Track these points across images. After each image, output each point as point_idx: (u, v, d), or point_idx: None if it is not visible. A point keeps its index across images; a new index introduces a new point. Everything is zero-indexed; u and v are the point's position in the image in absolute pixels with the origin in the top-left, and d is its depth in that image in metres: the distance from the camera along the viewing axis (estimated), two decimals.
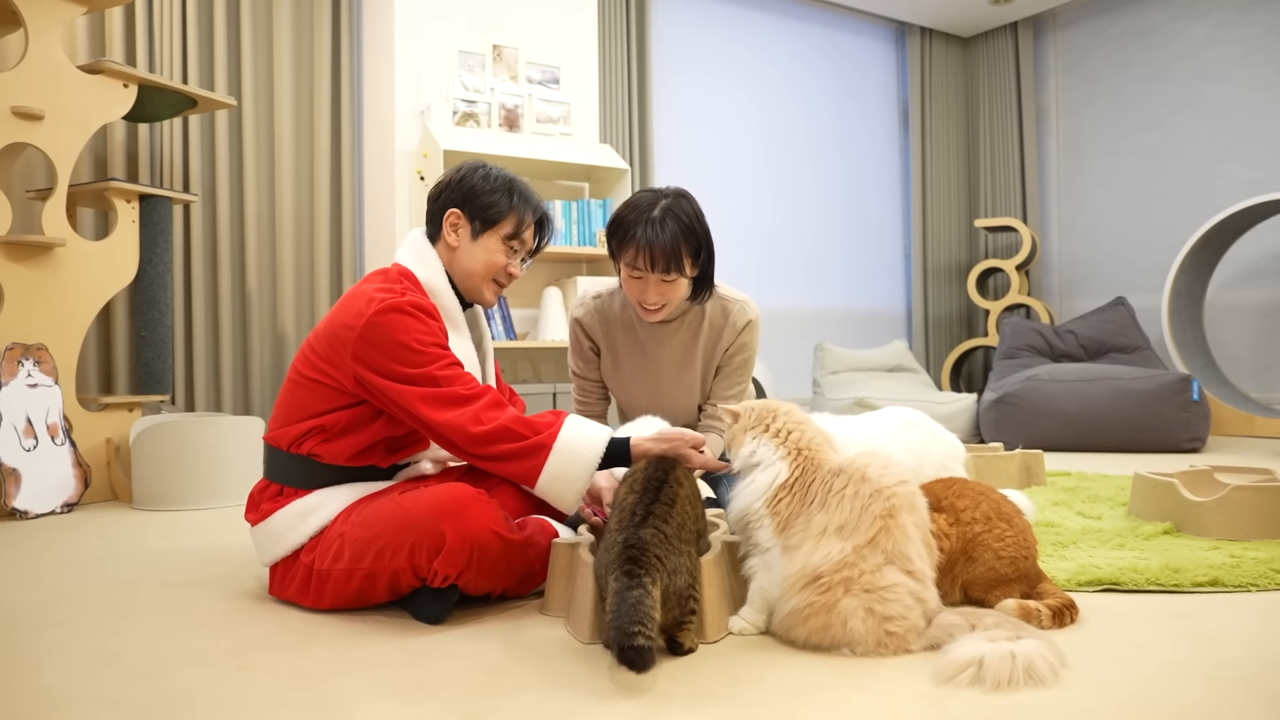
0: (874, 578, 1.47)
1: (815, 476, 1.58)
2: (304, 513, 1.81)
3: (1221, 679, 1.36)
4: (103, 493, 3.40)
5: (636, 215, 2.05)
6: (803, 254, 6.14)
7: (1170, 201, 5.93)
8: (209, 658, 1.54)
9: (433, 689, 1.38)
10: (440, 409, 1.73)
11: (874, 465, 1.57)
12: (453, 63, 4.54)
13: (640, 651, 1.30)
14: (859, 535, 1.49)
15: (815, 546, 1.51)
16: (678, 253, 2.04)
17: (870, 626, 1.46)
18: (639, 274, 2.07)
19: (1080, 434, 4.49)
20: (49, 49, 3.24)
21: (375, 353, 1.74)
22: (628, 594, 1.35)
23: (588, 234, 4.62)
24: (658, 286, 2.07)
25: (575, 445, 1.76)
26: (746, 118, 5.93)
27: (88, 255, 3.39)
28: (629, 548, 1.41)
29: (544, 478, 1.75)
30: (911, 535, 1.51)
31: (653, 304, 2.10)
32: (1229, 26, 5.66)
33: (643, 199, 2.08)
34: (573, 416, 1.82)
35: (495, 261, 1.95)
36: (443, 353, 1.78)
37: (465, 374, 1.78)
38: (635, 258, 2.05)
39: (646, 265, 2.04)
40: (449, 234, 1.94)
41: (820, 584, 1.48)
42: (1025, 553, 1.72)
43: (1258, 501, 2.30)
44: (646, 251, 2.02)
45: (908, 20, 6.57)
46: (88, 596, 1.98)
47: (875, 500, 1.51)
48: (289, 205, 4.35)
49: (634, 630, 1.31)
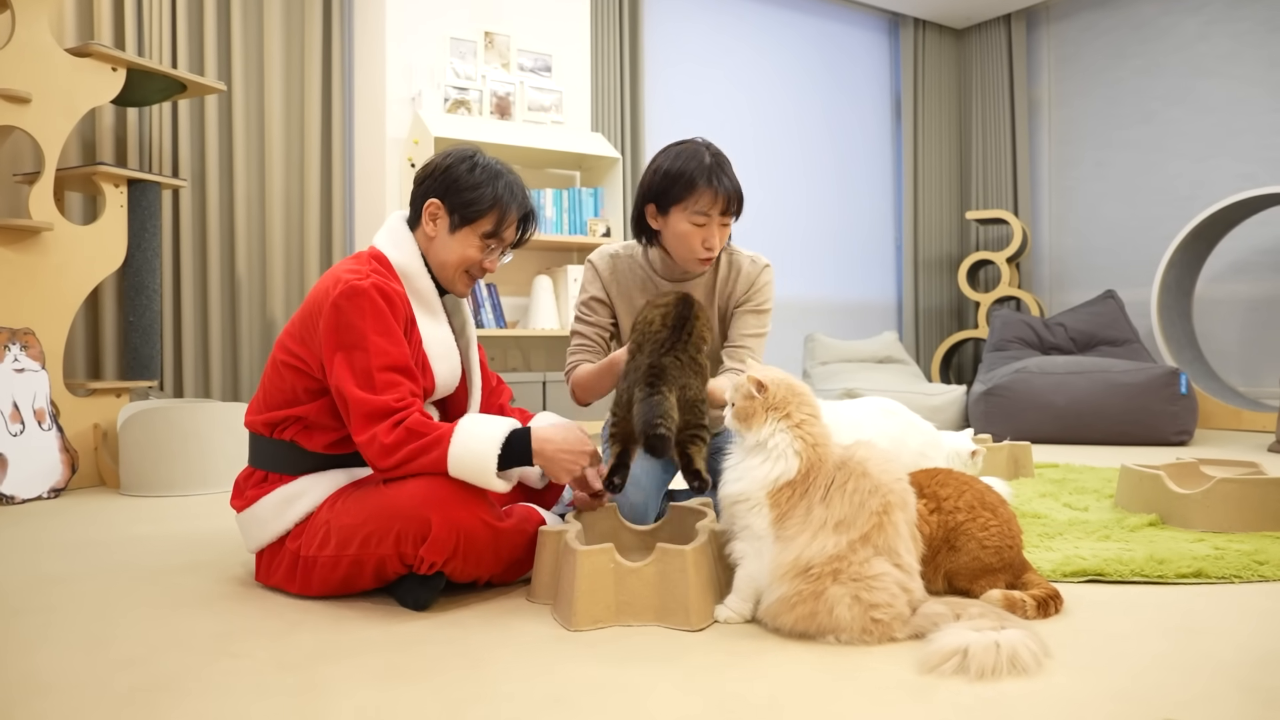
0: (862, 568, 1.49)
1: (819, 472, 1.57)
2: (289, 499, 1.81)
3: (1204, 670, 1.37)
4: (90, 478, 3.39)
5: (696, 165, 2.06)
6: (793, 244, 6.14)
7: (1161, 195, 5.94)
8: (195, 643, 1.54)
9: (418, 675, 1.38)
10: (364, 425, 1.70)
11: (874, 460, 1.58)
12: (444, 49, 4.51)
13: (662, 439, 1.68)
14: (854, 530, 1.50)
15: (811, 539, 1.51)
16: (740, 194, 2.11)
17: (856, 614, 1.47)
18: (703, 220, 2.07)
19: (1069, 426, 4.51)
20: (36, 32, 3.21)
21: (332, 335, 1.74)
22: (650, 398, 1.72)
23: (579, 222, 4.61)
24: (720, 230, 2.11)
25: (479, 426, 1.74)
26: (738, 107, 5.92)
27: (75, 240, 3.37)
28: (651, 369, 1.77)
29: (453, 449, 1.69)
30: (902, 532, 1.53)
31: (715, 247, 2.12)
32: (1221, 21, 5.67)
33: (689, 150, 2.10)
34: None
35: (469, 256, 1.92)
36: (386, 348, 1.74)
37: (400, 380, 1.74)
38: (710, 204, 2.06)
39: (718, 209, 2.07)
40: (427, 223, 1.91)
41: (810, 574, 1.49)
42: (1010, 542, 1.72)
43: (1242, 494, 2.32)
44: (723, 195, 2.06)
45: (901, 11, 6.55)
46: (74, 582, 1.98)
47: (873, 497, 1.52)
48: (279, 191, 4.33)
49: (656, 422, 1.68)
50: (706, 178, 2.05)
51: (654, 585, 1.61)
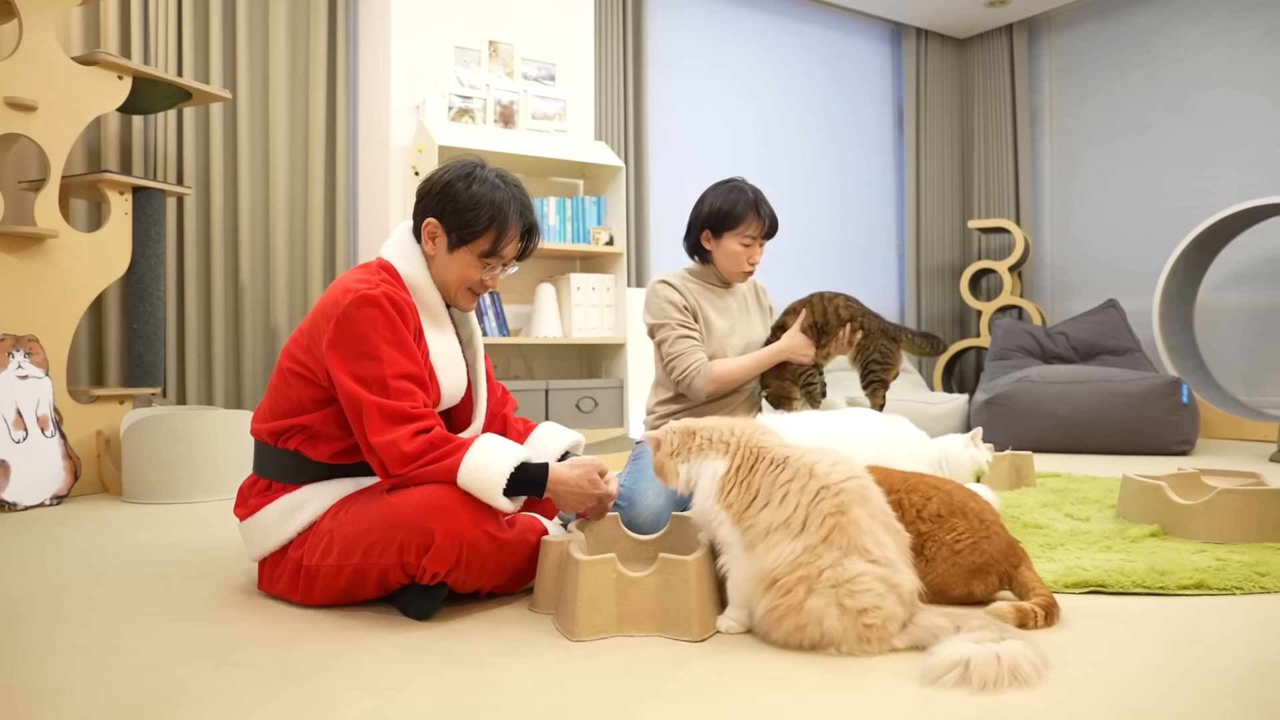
0: (836, 572, 1.48)
1: (757, 465, 1.60)
2: (292, 508, 1.81)
3: (1206, 682, 1.37)
4: (93, 485, 3.39)
5: (744, 200, 2.57)
6: (796, 253, 6.15)
7: (1162, 205, 5.95)
8: (198, 652, 1.54)
9: (420, 685, 1.38)
10: (383, 427, 1.70)
11: (822, 462, 1.59)
12: (449, 58, 4.53)
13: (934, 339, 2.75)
14: (810, 534, 1.50)
15: (767, 547, 1.53)
16: (776, 220, 2.64)
17: (847, 624, 1.47)
18: (750, 241, 2.59)
19: (1070, 435, 4.51)
20: (43, 40, 3.23)
21: (343, 344, 1.74)
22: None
23: (582, 231, 4.62)
24: (760, 250, 2.65)
25: (498, 446, 1.75)
26: (741, 117, 5.93)
27: (80, 247, 3.38)
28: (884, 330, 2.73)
29: (464, 465, 1.70)
30: (865, 527, 1.52)
31: (758, 261, 2.66)
32: (1222, 31, 5.68)
33: (736, 187, 2.60)
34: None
35: (469, 275, 1.92)
36: (398, 359, 1.75)
37: (414, 389, 1.75)
38: (758, 229, 2.58)
39: (763, 233, 2.60)
40: (426, 242, 1.91)
41: (780, 586, 1.50)
42: (984, 534, 1.73)
43: (1244, 505, 2.32)
44: (768, 220, 2.59)
45: (903, 21, 6.57)
46: (77, 590, 1.98)
47: (824, 498, 1.53)
48: (283, 199, 4.34)
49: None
50: (754, 210, 2.57)
51: (656, 595, 1.61)
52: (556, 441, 2.13)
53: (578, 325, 4.56)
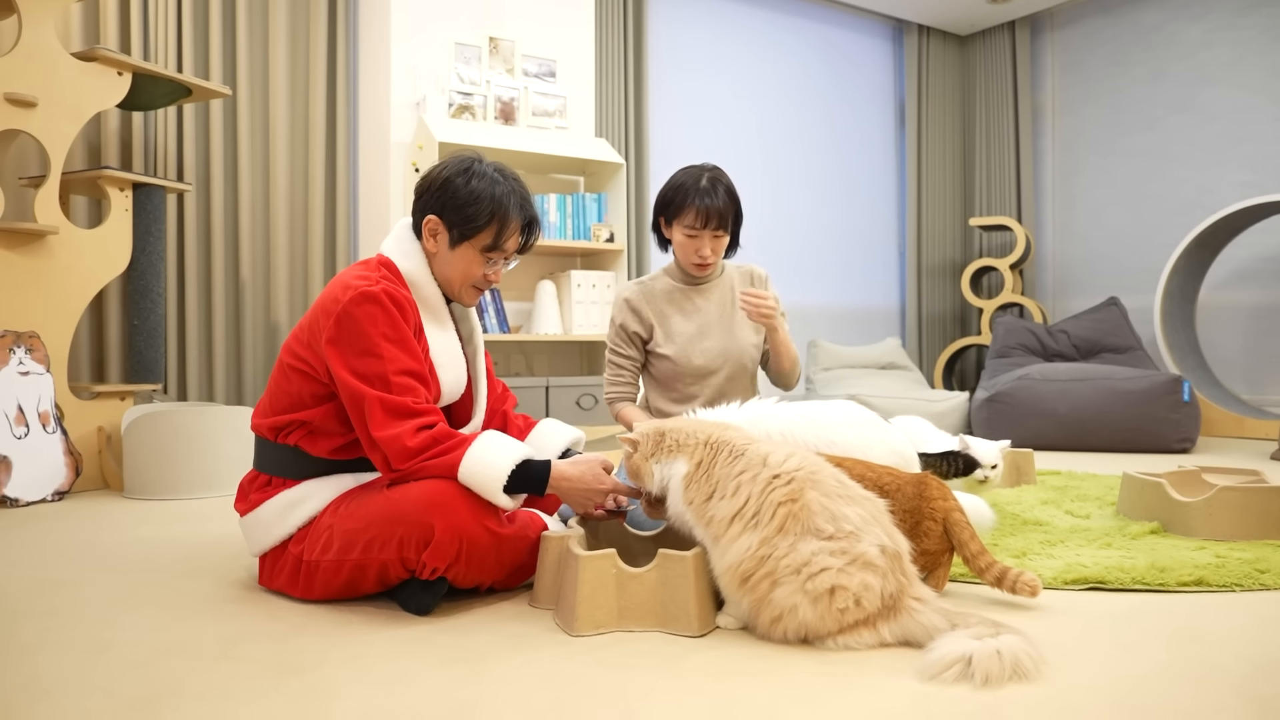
0: (793, 558, 1.49)
1: (717, 458, 1.63)
2: (292, 503, 1.81)
3: (1208, 679, 1.37)
4: (94, 481, 3.40)
5: (691, 185, 2.41)
6: (797, 250, 6.14)
7: (1164, 203, 5.94)
8: (198, 647, 1.54)
9: (421, 680, 1.38)
10: (387, 421, 1.70)
11: (775, 453, 1.61)
12: (449, 54, 4.53)
13: None
14: (764, 526, 1.52)
15: (729, 540, 1.54)
16: (726, 213, 2.42)
17: (821, 611, 1.47)
18: (694, 233, 2.43)
19: (1071, 433, 4.51)
20: (43, 36, 3.23)
21: (343, 340, 1.74)
22: None
23: (582, 228, 4.62)
24: (710, 242, 2.45)
25: (500, 443, 1.76)
26: (742, 113, 5.92)
27: (80, 243, 3.38)
28: None
29: (465, 461, 1.70)
30: (818, 508, 1.52)
31: (707, 257, 2.46)
32: (1225, 29, 5.67)
33: (690, 173, 2.45)
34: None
35: (471, 271, 1.92)
36: (399, 355, 1.75)
37: (416, 385, 1.75)
38: (694, 219, 2.41)
39: (702, 224, 2.40)
40: (427, 239, 1.91)
41: (749, 583, 1.52)
42: (904, 505, 1.78)
43: (1244, 502, 2.32)
44: (704, 212, 2.39)
45: (905, 18, 6.56)
46: (78, 585, 1.98)
47: (775, 487, 1.54)
48: (283, 195, 4.34)
49: None
50: (695, 197, 2.39)
51: (656, 591, 1.61)
52: (557, 438, 2.13)
53: (578, 322, 4.56)
